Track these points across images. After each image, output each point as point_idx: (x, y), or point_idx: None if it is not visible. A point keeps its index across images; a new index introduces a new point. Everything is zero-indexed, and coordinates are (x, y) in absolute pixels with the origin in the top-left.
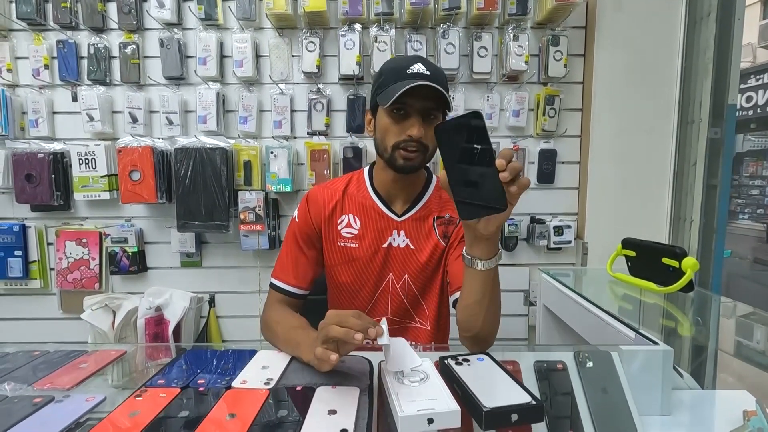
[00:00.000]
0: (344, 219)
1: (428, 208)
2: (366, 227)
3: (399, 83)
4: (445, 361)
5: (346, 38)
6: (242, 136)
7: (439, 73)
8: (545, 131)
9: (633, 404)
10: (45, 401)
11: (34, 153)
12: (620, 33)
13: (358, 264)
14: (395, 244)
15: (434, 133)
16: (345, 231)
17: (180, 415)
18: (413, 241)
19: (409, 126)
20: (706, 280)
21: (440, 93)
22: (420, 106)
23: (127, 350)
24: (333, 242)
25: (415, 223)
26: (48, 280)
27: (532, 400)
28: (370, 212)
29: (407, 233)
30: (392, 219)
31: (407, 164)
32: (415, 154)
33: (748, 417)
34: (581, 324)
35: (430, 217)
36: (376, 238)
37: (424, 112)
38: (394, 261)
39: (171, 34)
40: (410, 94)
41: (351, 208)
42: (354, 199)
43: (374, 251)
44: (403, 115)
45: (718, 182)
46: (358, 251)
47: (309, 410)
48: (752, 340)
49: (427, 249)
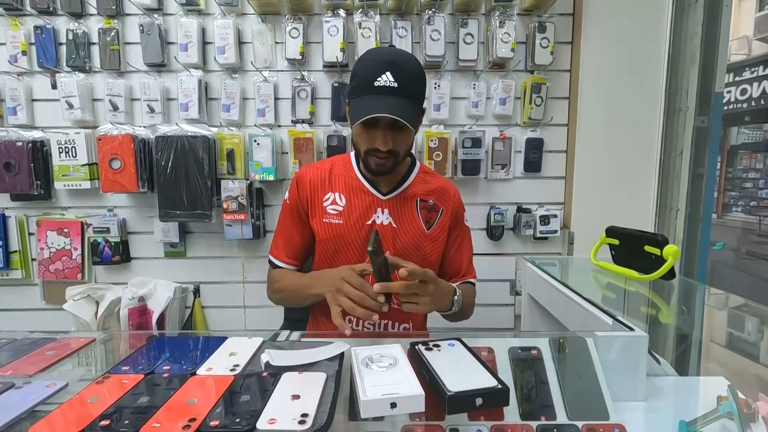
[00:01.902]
0: (330, 196)
1: (412, 189)
2: (351, 204)
3: (366, 98)
4: (416, 347)
5: (330, 24)
6: (225, 125)
7: (409, 80)
8: (532, 120)
9: (606, 389)
10: (4, 387)
11: (12, 141)
12: (608, 20)
13: (342, 240)
14: (378, 221)
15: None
16: (330, 208)
17: (141, 401)
18: (395, 220)
19: (377, 138)
20: (692, 269)
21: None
22: (386, 121)
23: (98, 337)
24: (319, 219)
25: (399, 202)
26: (30, 271)
27: (498, 384)
28: (356, 190)
29: (391, 211)
30: (377, 197)
31: (379, 169)
32: (384, 161)
33: (719, 402)
34: (563, 313)
35: (413, 199)
36: (361, 216)
37: (393, 124)
38: None
39: (151, 19)
40: (378, 109)
41: (337, 186)
42: (340, 178)
43: (358, 228)
44: (373, 124)
45: (705, 171)
46: (343, 227)
47: (272, 395)
48: (743, 332)
49: (409, 228)
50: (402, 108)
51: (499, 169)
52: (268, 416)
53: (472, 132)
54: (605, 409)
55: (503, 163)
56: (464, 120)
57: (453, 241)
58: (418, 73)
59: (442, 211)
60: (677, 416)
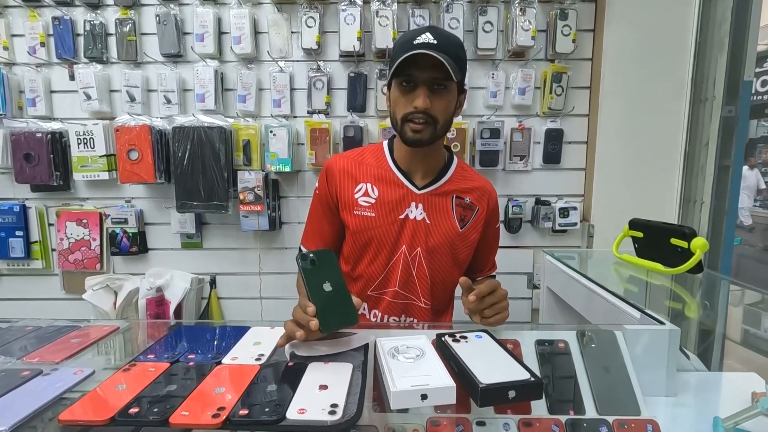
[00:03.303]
0: (362, 187)
1: (449, 185)
2: (383, 197)
3: (403, 54)
4: (442, 338)
5: (346, 13)
6: (241, 115)
7: (449, 41)
8: (552, 110)
9: (637, 384)
10: (33, 374)
11: (32, 132)
12: (632, 7)
13: (373, 233)
14: (412, 217)
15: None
16: (362, 200)
17: (168, 388)
18: (430, 216)
19: (416, 97)
20: (716, 262)
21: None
22: (425, 77)
23: (120, 326)
24: (350, 211)
25: (434, 198)
26: (50, 261)
27: (531, 377)
28: (389, 182)
29: (425, 207)
30: (411, 191)
31: (415, 136)
32: (422, 126)
33: (756, 398)
34: (586, 306)
35: (450, 195)
36: (393, 209)
37: (431, 82)
38: (409, 233)
39: (167, 9)
40: (416, 66)
41: (369, 177)
42: (372, 169)
43: (390, 222)
44: (411, 86)
45: (731, 163)
46: (374, 220)
47: (300, 385)
48: (760, 329)
49: (443, 226)
50: (442, 59)
51: (517, 161)
52: (297, 406)
53: (490, 122)
54: (636, 404)
55: (522, 155)
56: (482, 110)
57: (484, 240)
58: (458, 42)
59: (478, 210)
60: (709, 412)
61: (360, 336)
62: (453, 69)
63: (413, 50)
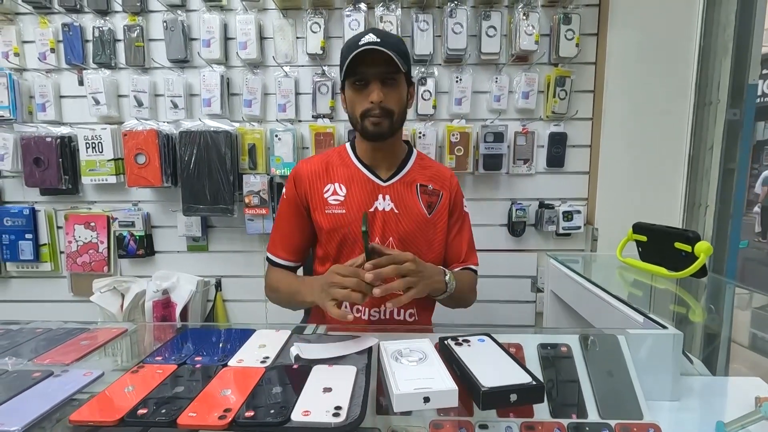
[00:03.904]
0: (330, 187)
1: (412, 175)
2: (352, 193)
3: (350, 55)
4: (445, 341)
5: (351, 19)
6: (247, 120)
7: (391, 38)
8: (555, 114)
9: (639, 388)
10: (44, 375)
11: (42, 137)
12: (635, 10)
13: (347, 229)
14: (381, 208)
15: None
16: (332, 198)
17: (175, 390)
18: (398, 205)
19: (369, 93)
20: (721, 266)
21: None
22: (375, 72)
23: (129, 328)
24: (321, 211)
25: (400, 187)
26: (58, 263)
27: (532, 381)
28: (356, 179)
29: (392, 197)
30: (378, 184)
31: (376, 129)
32: (380, 119)
33: (760, 402)
34: (589, 309)
35: (414, 184)
36: (363, 203)
37: (382, 77)
38: (380, 224)
39: (175, 16)
40: (365, 63)
41: (336, 176)
42: (338, 168)
43: (361, 216)
44: (363, 84)
45: (736, 166)
46: (346, 217)
47: (304, 388)
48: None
49: (411, 214)
50: (389, 52)
51: (521, 164)
52: (302, 408)
53: (494, 126)
54: (638, 408)
55: (525, 158)
56: (486, 114)
57: (452, 226)
58: (400, 39)
59: (442, 195)
60: (712, 417)
61: (364, 339)
62: (400, 61)
63: (360, 49)
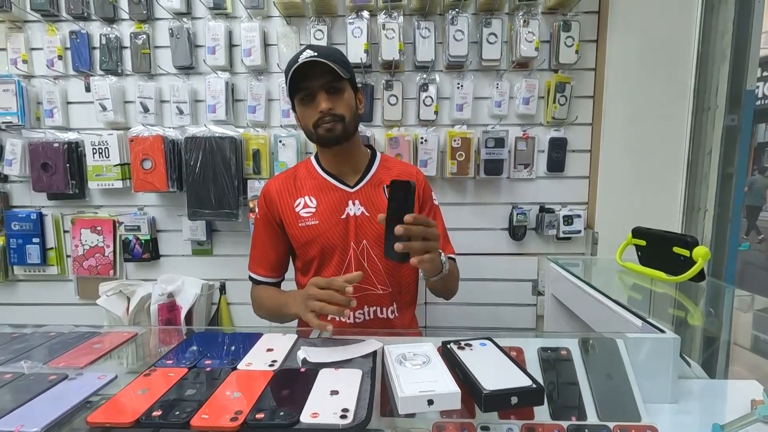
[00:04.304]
0: (300, 201)
1: (378, 177)
2: (322, 203)
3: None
4: (448, 345)
5: (353, 26)
6: (251, 125)
7: (328, 50)
8: (555, 119)
9: (637, 391)
10: (59, 378)
11: (49, 142)
12: (634, 17)
13: (322, 239)
14: (352, 213)
15: (389, 185)
16: (303, 211)
17: (187, 393)
18: (368, 209)
19: (317, 103)
20: (720, 270)
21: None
22: (320, 84)
23: (139, 332)
24: (295, 225)
25: (368, 190)
26: (65, 267)
27: (533, 384)
28: (324, 189)
29: (362, 202)
30: (346, 191)
31: (330, 135)
32: (332, 124)
33: (755, 405)
34: (589, 313)
35: (381, 185)
36: (334, 211)
37: (327, 87)
38: (353, 229)
39: (180, 23)
40: (308, 77)
41: (305, 190)
42: (306, 181)
43: (334, 224)
44: (310, 97)
45: (734, 171)
46: (320, 227)
47: (312, 390)
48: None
49: None
50: (327, 62)
51: (521, 169)
52: (310, 410)
53: (494, 132)
54: (636, 411)
55: (526, 163)
56: (487, 120)
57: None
58: (337, 50)
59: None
60: (709, 419)
61: (368, 343)
62: (340, 69)
63: (298, 63)
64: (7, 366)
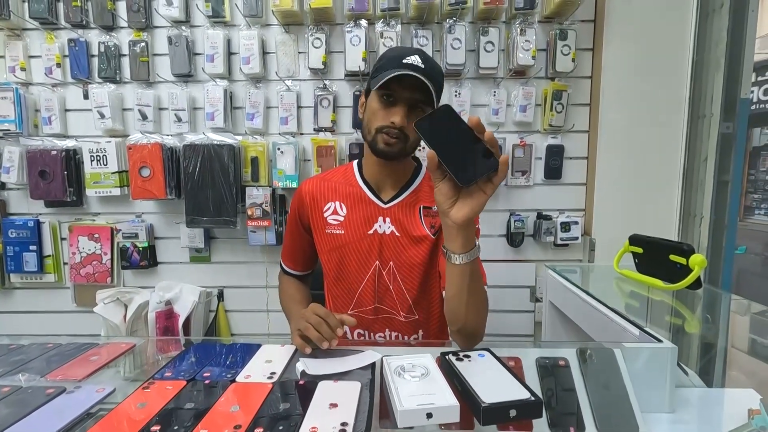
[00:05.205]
0: (330, 206)
1: (416, 195)
2: (352, 214)
3: (392, 70)
4: (446, 356)
5: (352, 34)
6: (249, 133)
7: (434, 68)
8: (552, 126)
9: (635, 401)
10: (57, 392)
11: (47, 150)
12: (630, 26)
13: (345, 250)
14: (381, 231)
15: (415, 128)
16: (331, 218)
17: (186, 406)
18: (399, 228)
19: (394, 113)
20: (716, 277)
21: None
22: (408, 96)
23: (137, 343)
24: (321, 230)
25: (402, 210)
26: (62, 274)
27: (531, 396)
28: (356, 199)
29: (393, 220)
30: (378, 206)
31: (386, 149)
32: (395, 141)
33: (752, 415)
34: (586, 321)
35: (417, 205)
36: (362, 225)
37: (412, 102)
38: (380, 248)
39: (179, 31)
40: (400, 84)
41: (337, 195)
42: (341, 188)
43: (360, 237)
44: (392, 102)
45: (730, 178)
46: (344, 237)
47: (311, 404)
48: (766, 338)
49: (413, 237)
50: (429, 84)
51: (519, 176)
52: (309, 424)
53: None
54: (634, 421)
55: (523, 170)
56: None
57: None
58: (441, 70)
59: None
60: (706, 429)
61: (367, 355)
62: (435, 96)
63: (403, 69)
64: (5, 379)
